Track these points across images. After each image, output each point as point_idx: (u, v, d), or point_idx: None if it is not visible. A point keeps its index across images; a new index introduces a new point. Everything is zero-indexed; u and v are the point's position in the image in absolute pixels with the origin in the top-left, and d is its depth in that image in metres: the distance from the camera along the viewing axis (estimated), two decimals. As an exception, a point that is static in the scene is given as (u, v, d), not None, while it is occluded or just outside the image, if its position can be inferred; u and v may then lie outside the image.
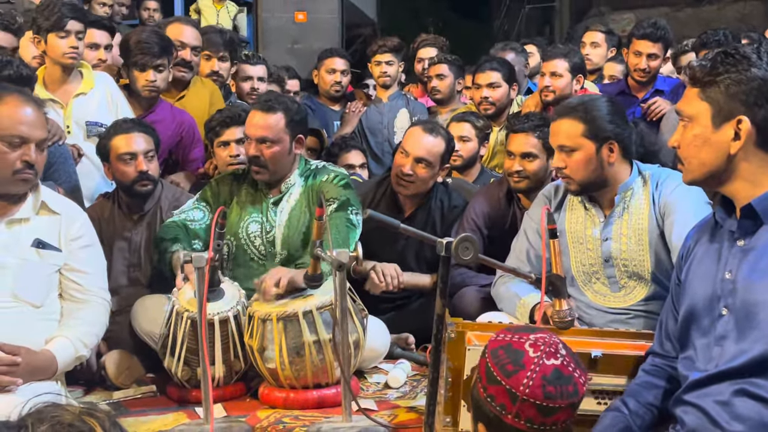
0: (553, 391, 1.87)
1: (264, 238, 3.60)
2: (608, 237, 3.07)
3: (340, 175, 3.65)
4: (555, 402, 1.86)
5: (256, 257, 3.60)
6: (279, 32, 7.63)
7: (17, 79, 3.51)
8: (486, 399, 1.90)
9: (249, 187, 3.69)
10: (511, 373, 1.88)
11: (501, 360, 1.91)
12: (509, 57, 5.42)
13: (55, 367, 2.81)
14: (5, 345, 2.68)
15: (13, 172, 2.81)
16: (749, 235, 1.98)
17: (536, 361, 1.88)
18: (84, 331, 2.94)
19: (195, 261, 2.81)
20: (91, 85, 4.22)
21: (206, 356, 2.76)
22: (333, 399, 3.14)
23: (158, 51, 4.30)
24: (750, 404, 1.88)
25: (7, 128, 2.78)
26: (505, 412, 1.87)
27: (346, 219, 3.47)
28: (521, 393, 1.85)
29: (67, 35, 4.05)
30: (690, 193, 2.86)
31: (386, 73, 5.56)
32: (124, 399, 3.30)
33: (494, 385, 1.89)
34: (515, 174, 3.70)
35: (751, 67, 1.94)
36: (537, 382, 1.86)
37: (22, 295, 2.85)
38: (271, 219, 3.61)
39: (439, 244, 2.18)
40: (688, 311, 2.07)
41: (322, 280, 3.11)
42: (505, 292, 3.21)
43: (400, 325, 3.81)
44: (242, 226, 3.62)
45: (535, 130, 3.66)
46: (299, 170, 3.66)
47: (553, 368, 1.88)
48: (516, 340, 1.94)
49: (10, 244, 2.86)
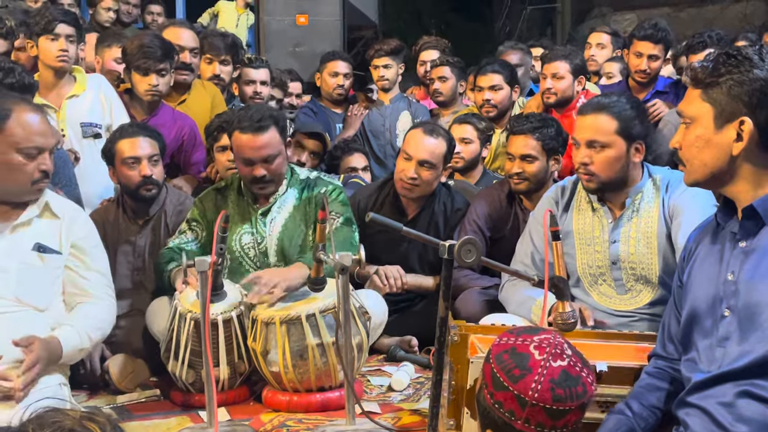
0: (562, 394, 1.85)
1: (257, 249, 3.58)
2: (616, 239, 3.06)
3: (338, 189, 3.63)
4: (565, 404, 1.85)
5: (252, 269, 3.58)
6: (281, 35, 7.65)
7: (20, 87, 3.51)
8: (494, 405, 1.88)
9: (235, 200, 3.66)
10: (518, 378, 1.86)
11: (507, 365, 1.89)
12: (517, 57, 5.41)
13: (60, 353, 2.81)
14: (20, 339, 2.66)
15: (32, 183, 2.84)
16: (751, 236, 1.98)
17: (543, 363, 1.86)
18: (90, 325, 2.94)
19: (198, 265, 2.81)
20: (84, 88, 4.24)
21: (210, 360, 2.76)
22: (336, 402, 3.14)
23: (160, 55, 4.31)
24: (754, 405, 1.87)
25: (24, 140, 2.79)
26: (515, 418, 1.86)
27: (351, 237, 3.47)
28: (530, 398, 1.83)
29: (56, 38, 4.07)
30: (698, 196, 2.86)
31: (384, 76, 5.57)
32: (127, 403, 3.30)
33: (501, 391, 1.87)
34: (515, 176, 3.70)
35: (753, 68, 1.94)
36: (545, 385, 1.84)
37: (26, 299, 2.86)
38: (261, 230, 3.58)
39: (442, 246, 2.18)
40: (691, 313, 2.07)
41: (325, 283, 3.11)
42: (518, 296, 3.20)
43: (403, 328, 3.82)
44: (235, 239, 3.59)
45: (534, 132, 3.65)
46: (287, 179, 3.63)
47: (560, 370, 1.86)
48: (520, 343, 1.92)
49: (12, 248, 2.87)
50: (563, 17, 15.96)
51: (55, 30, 4.05)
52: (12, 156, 2.78)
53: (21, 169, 2.80)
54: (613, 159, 2.99)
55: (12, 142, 2.78)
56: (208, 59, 4.94)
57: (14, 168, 2.80)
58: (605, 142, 2.99)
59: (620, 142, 2.98)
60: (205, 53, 4.90)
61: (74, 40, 4.15)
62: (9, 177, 2.81)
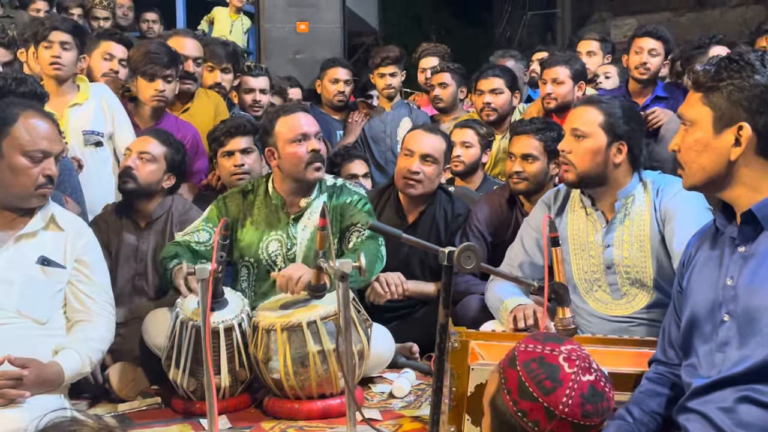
0: (591, 410, 1.84)
1: (285, 255, 3.56)
2: (610, 244, 3.06)
3: (364, 199, 3.62)
4: (591, 420, 1.84)
5: None
6: (281, 42, 7.64)
7: (32, 97, 3.52)
8: (516, 413, 1.85)
9: (262, 205, 3.63)
10: (549, 390, 1.83)
11: (536, 375, 1.86)
12: (509, 64, 5.44)
13: (62, 379, 2.81)
14: (16, 359, 2.67)
15: (36, 187, 2.86)
16: (750, 241, 1.97)
17: (573, 377, 1.84)
18: (92, 347, 2.95)
19: (198, 273, 2.80)
20: (87, 96, 4.25)
21: (211, 368, 2.76)
22: (337, 409, 3.14)
23: (167, 61, 4.31)
24: (754, 411, 1.87)
25: (30, 144, 2.83)
26: (538, 429, 1.84)
27: (377, 251, 3.45)
28: (560, 412, 1.81)
29: (50, 45, 4.07)
30: (690, 200, 2.86)
31: (391, 85, 5.60)
32: (128, 411, 3.30)
33: (528, 401, 1.85)
34: (515, 175, 3.72)
35: (755, 73, 1.95)
36: (576, 400, 1.82)
37: (27, 312, 2.86)
38: (293, 236, 3.57)
39: (442, 253, 2.18)
40: (690, 318, 2.07)
41: (326, 291, 3.11)
42: (492, 297, 3.23)
43: (404, 335, 3.81)
44: (262, 247, 3.57)
45: (537, 133, 3.70)
46: (318, 186, 3.62)
47: (589, 385, 1.85)
48: (548, 353, 1.89)
49: (16, 260, 2.88)
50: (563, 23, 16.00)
51: (49, 37, 4.05)
52: (18, 159, 2.82)
53: (26, 172, 2.84)
54: (591, 150, 2.99)
55: (18, 145, 2.82)
56: (210, 67, 4.95)
57: (19, 171, 2.83)
58: (586, 132, 3.00)
59: (601, 136, 2.99)
60: (206, 61, 4.91)
61: (70, 47, 4.13)
62: (14, 180, 2.84)
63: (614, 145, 3.00)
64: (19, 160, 2.82)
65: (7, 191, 2.87)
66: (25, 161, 2.83)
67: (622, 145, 3.00)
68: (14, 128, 2.83)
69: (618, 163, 3.01)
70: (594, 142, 3.00)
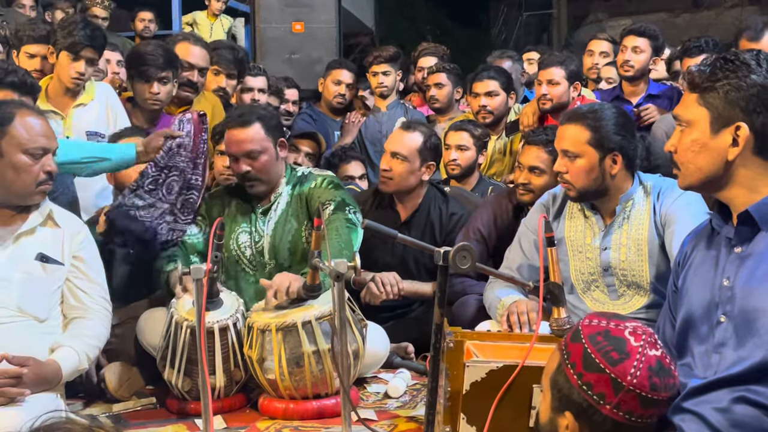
0: (658, 383, 1.83)
1: (254, 248, 3.59)
2: (607, 246, 3.06)
3: (328, 177, 3.64)
4: (659, 394, 1.82)
5: (248, 268, 3.59)
6: (277, 42, 7.61)
7: (20, 86, 3.53)
8: (581, 387, 1.83)
9: (240, 200, 3.68)
10: (617, 361, 1.81)
11: (603, 346, 1.83)
12: (505, 65, 5.43)
13: (60, 377, 2.82)
14: (15, 357, 2.68)
15: (37, 184, 2.88)
16: (746, 241, 1.97)
17: (640, 350, 1.82)
18: (88, 344, 2.96)
19: (193, 272, 2.79)
20: (92, 97, 4.24)
21: (205, 367, 2.75)
22: (333, 409, 3.14)
23: (163, 63, 4.26)
24: (750, 411, 1.87)
25: (30, 141, 2.85)
26: (604, 402, 1.82)
27: (346, 219, 3.44)
28: (628, 383, 1.80)
29: (77, 59, 4.06)
30: (691, 204, 2.86)
31: (383, 83, 5.58)
32: (123, 411, 3.30)
33: (595, 373, 1.82)
34: (521, 186, 3.67)
35: (751, 73, 1.94)
36: (644, 372, 1.80)
37: (27, 309, 2.87)
38: (260, 229, 3.60)
39: (437, 253, 2.18)
40: (686, 318, 2.07)
41: (321, 291, 3.11)
42: (490, 297, 3.23)
43: (399, 334, 3.80)
44: (233, 238, 3.61)
45: (548, 145, 3.56)
46: (286, 178, 3.65)
47: (656, 359, 1.84)
48: (614, 327, 1.87)
49: (16, 257, 2.89)
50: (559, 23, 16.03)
51: (80, 53, 4.05)
52: (19, 157, 2.84)
53: (27, 170, 2.85)
54: (585, 169, 2.99)
55: (17, 143, 2.84)
56: (216, 71, 4.89)
57: (21, 169, 2.85)
58: (576, 153, 3.00)
59: (592, 153, 2.98)
60: (213, 65, 4.85)
61: (95, 62, 4.20)
62: (15, 178, 2.86)
63: (608, 158, 2.99)
64: (20, 158, 2.84)
65: (9, 189, 2.88)
66: (26, 159, 2.84)
67: (616, 156, 2.99)
68: (11, 127, 2.84)
69: (615, 173, 3.00)
70: (586, 161, 2.99)
